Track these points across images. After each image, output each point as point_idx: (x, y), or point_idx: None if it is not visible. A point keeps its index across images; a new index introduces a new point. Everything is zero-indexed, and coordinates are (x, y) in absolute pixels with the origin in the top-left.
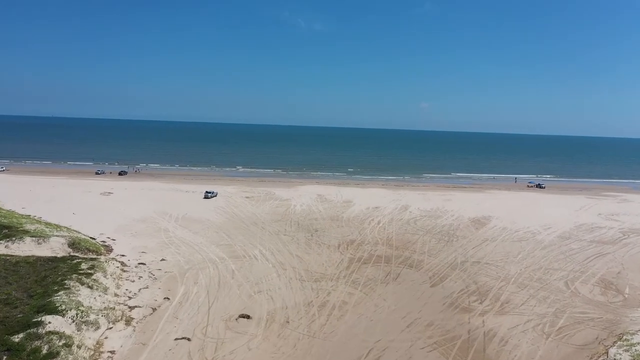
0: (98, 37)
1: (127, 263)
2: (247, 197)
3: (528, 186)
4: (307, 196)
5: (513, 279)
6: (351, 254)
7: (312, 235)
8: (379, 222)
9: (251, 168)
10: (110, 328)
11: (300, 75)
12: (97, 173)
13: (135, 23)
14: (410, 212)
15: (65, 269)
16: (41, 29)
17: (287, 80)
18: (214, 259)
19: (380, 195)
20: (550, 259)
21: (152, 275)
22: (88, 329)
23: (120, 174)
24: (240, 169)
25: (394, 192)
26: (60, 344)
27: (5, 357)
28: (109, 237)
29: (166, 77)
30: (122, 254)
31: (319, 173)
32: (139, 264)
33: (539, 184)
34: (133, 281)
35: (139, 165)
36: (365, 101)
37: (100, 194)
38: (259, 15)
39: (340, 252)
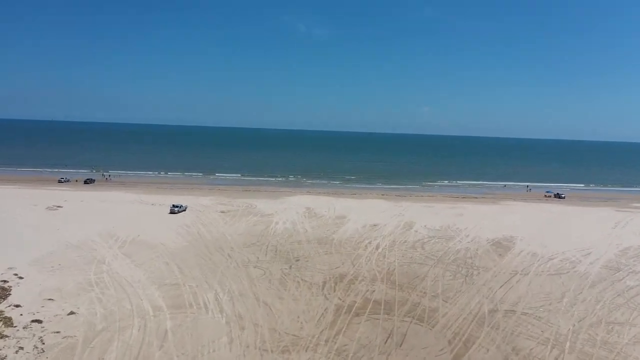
0: (101, 40)
1: (16, 320)
2: (222, 212)
3: (545, 196)
4: (294, 210)
5: (568, 342)
6: (339, 298)
7: (290, 268)
8: (377, 247)
9: (238, 175)
10: None
11: (300, 78)
12: (60, 181)
13: (137, 26)
14: (416, 231)
15: None
16: (44, 33)
17: (285, 83)
18: (146, 311)
19: (380, 209)
20: (607, 304)
21: (39, 345)
22: None
23: (86, 182)
24: (225, 176)
25: (395, 204)
26: None
27: None
28: (16, 274)
29: (168, 80)
30: (17, 303)
31: (311, 181)
32: (33, 321)
33: (558, 194)
34: (4, 358)
35: (109, 172)
36: (365, 104)
37: (47, 208)
38: (258, 19)
39: (325, 296)
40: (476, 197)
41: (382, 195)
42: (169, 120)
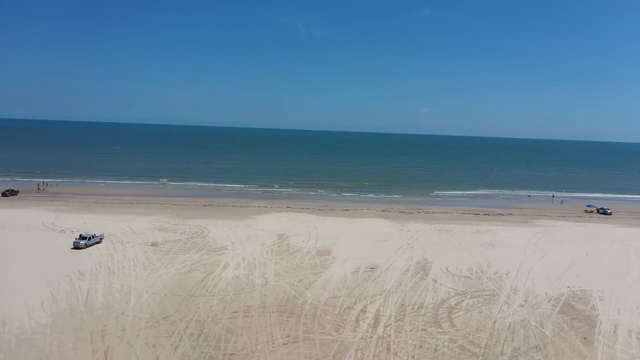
0: (100, 40)
1: None
2: (153, 245)
3: (586, 211)
4: (260, 239)
5: None
6: None
7: None
8: (375, 321)
9: (209, 183)
10: None
11: (298, 79)
12: None
13: (136, 27)
14: (435, 280)
15: None
16: (45, 32)
17: (285, 83)
18: None
19: (380, 236)
20: None
21: None
22: None
23: (4, 194)
24: (192, 184)
25: (400, 226)
26: None
27: None
28: None
29: (166, 80)
30: None
31: (296, 190)
32: None
33: (602, 209)
34: None
35: (45, 181)
36: (364, 105)
37: None
38: (258, 20)
39: None
40: (502, 214)
41: (383, 211)
42: (167, 120)
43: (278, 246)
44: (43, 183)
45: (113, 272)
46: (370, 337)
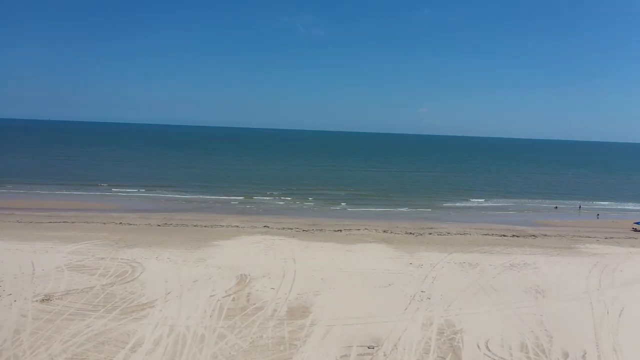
0: (100, 40)
1: None
2: (44, 300)
3: (635, 229)
4: (210, 286)
5: None
6: None
7: None
8: None
9: (177, 192)
10: None
11: (298, 78)
12: None
13: (136, 27)
14: None
15: None
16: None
17: (284, 83)
18: None
19: (382, 277)
20: None
21: None
22: None
23: None
24: (154, 195)
25: (409, 257)
26: None
27: None
28: None
29: (167, 79)
30: None
31: (281, 202)
32: None
33: None
34: None
35: None
36: (363, 105)
37: None
38: (257, 20)
39: None
40: (534, 235)
41: (385, 232)
42: (166, 120)
43: (233, 299)
44: None
45: None
46: None
